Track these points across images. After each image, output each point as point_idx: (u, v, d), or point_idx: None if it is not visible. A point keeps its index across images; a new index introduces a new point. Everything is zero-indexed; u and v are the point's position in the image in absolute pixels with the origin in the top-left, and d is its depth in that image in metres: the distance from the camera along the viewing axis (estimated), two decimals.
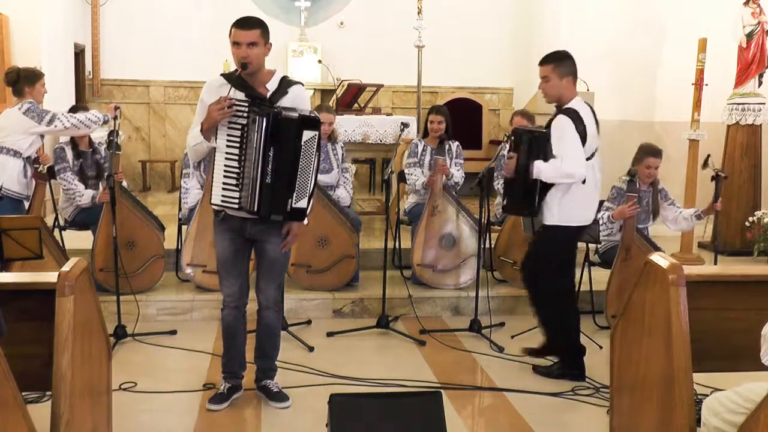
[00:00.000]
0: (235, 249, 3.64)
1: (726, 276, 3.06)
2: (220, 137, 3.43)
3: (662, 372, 2.78)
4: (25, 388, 2.44)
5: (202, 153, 3.55)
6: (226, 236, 3.61)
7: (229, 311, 3.72)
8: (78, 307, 2.59)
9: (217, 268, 3.74)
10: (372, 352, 4.67)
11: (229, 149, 3.43)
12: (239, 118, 3.40)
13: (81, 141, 5.36)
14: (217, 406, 3.70)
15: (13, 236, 4.06)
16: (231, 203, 3.45)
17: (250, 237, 3.61)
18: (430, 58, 8.27)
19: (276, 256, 3.66)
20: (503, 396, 3.99)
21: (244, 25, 3.47)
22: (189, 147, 3.57)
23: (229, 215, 3.56)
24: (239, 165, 3.42)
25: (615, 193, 5.22)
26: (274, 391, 3.81)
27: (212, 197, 3.48)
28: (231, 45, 3.46)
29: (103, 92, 9.31)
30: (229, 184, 3.43)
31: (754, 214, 7.03)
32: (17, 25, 7.07)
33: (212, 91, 3.48)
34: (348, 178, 5.76)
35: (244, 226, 3.57)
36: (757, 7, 7.18)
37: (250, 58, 3.42)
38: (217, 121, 3.38)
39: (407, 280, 5.62)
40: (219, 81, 3.52)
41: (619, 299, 4.72)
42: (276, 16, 9.45)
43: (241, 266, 3.70)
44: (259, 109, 3.39)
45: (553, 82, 4.09)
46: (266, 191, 3.39)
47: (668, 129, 7.88)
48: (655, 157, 5.18)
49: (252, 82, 3.48)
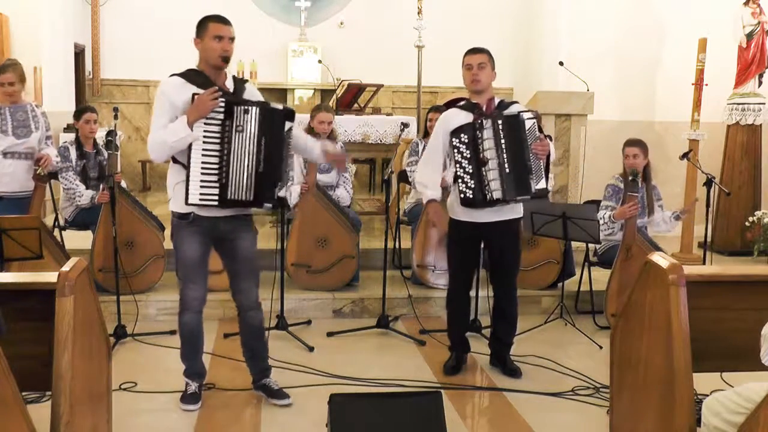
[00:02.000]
0: (202, 251, 3.61)
1: (726, 276, 3.05)
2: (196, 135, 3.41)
3: (662, 372, 2.78)
4: (25, 388, 2.44)
5: (179, 149, 3.43)
6: (196, 239, 3.56)
7: (192, 315, 3.67)
8: (78, 307, 2.58)
9: (181, 272, 3.68)
10: (372, 352, 4.67)
11: (207, 145, 3.41)
12: (217, 114, 3.41)
13: (86, 142, 5.38)
14: (193, 405, 3.70)
15: (13, 236, 4.06)
16: (210, 200, 3.42)
17: (219, 236, 3.60)
18: (430, 58, 8.28)
19: (250, 253, 3.68)
20: (503, 396, 3.99)
21: (226, 21, 3.53)
22: (164, 144, 3.41)
23: (198, 216, 3.52)
24: (220, 160, 3.41)
25: (611, 191, 5.27)
26: (274, 389, 3.82)
27: (188, 197, 3.41)
28: (207, 39, 3.46)
29: (103, 92, 9.32)
30: (208, 181, 3.40)
31: (754, 214, 7.03)
32: (17, 25, 7.08)
33: (177, 89, 3.45)
34: (348, 177, 5.76)
35: (216, 224, 3.55)
36: (757, 7, 7.19)
37: (230, 53, 3.49)
38: (208, 110, 3.38)
39: (407, 280, 5.62)
40: (179, 80, 3.49)
41: (620, 298, 4.72)
42: (276, 16, 9.47)
43: (207, 269, 3.69)
44: (245, 100, 3.46)
45: (488, 71, 4.10)
46: (259, 179, 3.43)
47: (668, 129, 7.89)
48: (631, 146, 5.21)
49: (216, 81, 3.50)
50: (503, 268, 4.21)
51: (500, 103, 4.15)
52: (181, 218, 3.54)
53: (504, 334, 4.32)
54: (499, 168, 3.93)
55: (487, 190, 3.94)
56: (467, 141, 3.98)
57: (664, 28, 7.95)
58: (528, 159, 3.96)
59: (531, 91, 7.51)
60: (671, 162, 7.59)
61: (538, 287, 5.54)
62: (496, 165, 3.93)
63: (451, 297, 4.33)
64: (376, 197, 7.51)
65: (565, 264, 5.48)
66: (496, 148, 3.94)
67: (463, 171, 3.98)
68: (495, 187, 3.93)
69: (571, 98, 6.49)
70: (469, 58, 4.09)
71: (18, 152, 4.82)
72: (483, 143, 3.95)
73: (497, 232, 4.12)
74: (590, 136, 6.79)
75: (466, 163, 3.98)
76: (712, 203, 5.38)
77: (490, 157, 3.93)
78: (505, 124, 3.97)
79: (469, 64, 4.07)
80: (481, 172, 3.95)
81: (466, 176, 3.98)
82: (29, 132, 4.84)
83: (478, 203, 3.99)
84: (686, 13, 7.81)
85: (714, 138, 7.35)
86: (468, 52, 4.13)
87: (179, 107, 3.43)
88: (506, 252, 4.19)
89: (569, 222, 4.87)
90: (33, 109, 4.93)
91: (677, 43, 7.73)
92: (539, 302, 5.51)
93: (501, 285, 4.25)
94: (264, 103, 3.48)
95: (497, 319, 4.32)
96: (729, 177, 7.34)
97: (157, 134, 3.44)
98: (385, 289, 4.98)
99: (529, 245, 5.45)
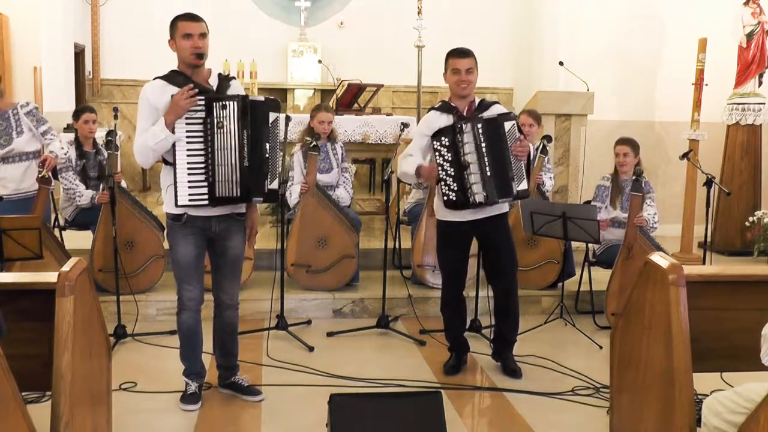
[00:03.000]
0: (197, 251, 3.62)
1: (726, 276, 3.05)
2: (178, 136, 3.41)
3: (662, 372, 2.78)
4: (25, 388, 2.44)
5: (161, 151, 3.44)
6: (189, 240, 3.57)
7: (190, 314, 3.68)
8: (78, 307, 2.58)
9: (177, 272, 3.67)
10: (372, 352, 4.67)
11: (190, 145, 3.41)
12: (197, 112, 3.40)
13: (85, 142, 5.38)
14: (193, 406, 3.71)
15: (14, 236, 4.06)
16: (200, 199, 3.42)
17: (213, 236, 3.60)
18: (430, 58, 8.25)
19: (239, 254, 3.71)
20: (503, 396, 3.99)
21: (194, 17, 3.49)
22: (146, 148, 3.42)
23: (191, 216, 3.52)
24: (205, 158, 3.41)
25: (599, 192, 5.41)
26: (245, 386, 3.85)
27: (177, 199, 3.42)
28: (178, 39, 3.44)
29: (103, 92, 9.31)
30: (195, 181, 3.41)
31: (754, 214, 7.03)
32: (17, 25, 7.08)
33: (157, 91, 3.45)
34: (347, 177, 5.76)
35: (209, 224, 3.56)
36: (757, 7, 7.19)
37: (204, 49, 3.46)
38: (184, 110, 3.37)
39: (407, 280, 5.62)
40: (160, 82, 3.49)
41: (620, 298, 4.72)
42: (276, 16, 9.46)
43: (202, 268, 3.70)
44: (224, 96, 3.45)
45: (475, 75, 4.04)
46: (246, 174, 3.42)
47: (668, 129, 7.89)
48: (620, 144, 5.32)
49: (196, 79, 3.48)
50: (501, 263, 4.20)
51: (480, 104, 4.12)
52: (175, 219, 3.55)
53: (507, 331, 4.33)
54: (480, 172, 3.93)
55: (470, 193, 3.94)
56: (447, 144, 3.97)
57: (664, 28, 7.95)
58: (509, 161, 3.95)
59: (531, 91, 7.52)
60: (671, 162, 7.60)
61: (538, 287, 5.53)
62: (477, 169, 3.93)
63: (446, 300, 4.33)
64: (376, 197, 7.50)
65: (565, 264, 5.48)
66: (477, 152, 3.93)
67: (446, 174, 3.98)
68: (477, 190, 3.94)
69: (571, 98, 6.49)
70: (457, 61, 4.00)
71: (8, 158, 4.93)
72: (464, 147, 3.94)
73: (487, 229, 4.13)
74: (590, 136, 6.79)
75: (448, 166, 3.98)
76: (712, 203, 5.38)
77: (471, 161, 3.93)
78: (484, 128, 3.94)
79: (457, 69, 3.99)
80: (463, 175, 3.95)
81: (449, 179, 3.98)
82: (10, 139, 4.92)
83: (461, 205, 4.00)
84: (686, 13, 7.81)
85: (714, 138, 7.35)
86: (454, 54, 4.03)
87: (161, 110, 3.42)
88: (501, 247, 4.18)
89: (569, 222, 4.87)
90: (17, 112, 4.97)
91: (677, 43, 7.73)
92: (539, 302, 5.51)
93: (501, 282, 4.23)
94: (243, 97, 3.45)
95: (500, 317, 4.32)
96: (729, 177, 7.34)
97: (139, 139, 3.45)
98: (385, 289, 4.98)
99: (529, 245, 5.45)
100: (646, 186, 5.25)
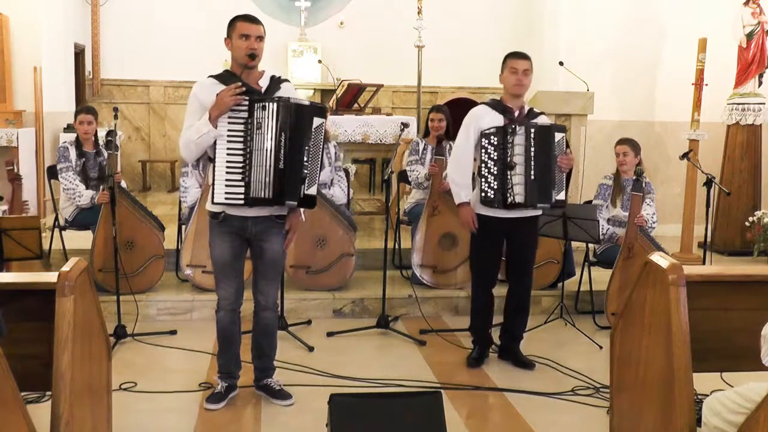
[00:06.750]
0: (233, 251, 3.63)
1: (726, 276, 3.05)
2: (220, 132, 3.43)
3: (662, 372, 2.78)
4: (25, 388, 2.44)
5: (204, 146, 3.46)
6: (226, 238, 3.60)
7: (225, 314, 3.71)
8: (78, 307, 2.58)
9: (214, 270, 3.71)
10: (372, 352, 4.67)
11: (231, 144, 3.42)
12: (240, 112, 3.41)
13: (85, 142, 5.37)
14: (214, 405, 3.70)
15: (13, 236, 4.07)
16: (236, 199, 3.43)
17: (250, 237, 3.61)
18: (430, 58, 8.28)
19: (276, 256, 3.68)
20: (503, 396, 3.99)
21: (254, 19, 3.56)
22: (190, 142, 3.47)
23: (229, 215, 3.54)
24: (244, 158, 3.41)
25: (601, 190, 5.41)
26: (276, 389, 3.82)
27: (214, 197, 3.44)
28: (235, 38, 3.49)
29: (103, 92, 9.32)
30: (233, 180, 3.42)
31: (754, 214, 7.03)
32: (17, 25, 7.07)
33: (206, 90, 3.49)
34: (342, 176, 5.74)
35: (246, 225, 3.57)
36: (757, 7, 7.18)
37: (258, 51, 3.49)
38: (228, 106, 3.38)
39: (407, 280, 5.62)
40: (210, 81, 3.53)
41: (621, 297, 4.72)
42: (276, 16, 9.46)
43: (239, 268, 3.70)
44: (266, 96, 3.45)
45: (530, 78, 4.24)
46: (280, 177, 3.41)
47: (668, 129, 7.89)
48: (620, 144, 5.35)
49: (246, 79, 3.50)
50: (523, 262, 4.38)
51: (529, 112, 4.25)
52: (213, 217, 3.59)
53: (518, 328, 4.47)
54: (525, 174, 4.08)
55: (510, 193, 4.09)
56: (496, 143, 4.12)
57: (664, 28, 7.94)
58: (553, 169, 4.12)
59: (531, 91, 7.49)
60: (671, 162, 7.59)
61: (538, 287, 5.52)
62: (522, 171, 4.09)
63: (477, 294, 4.46)
64: (376, 197, 7.51)
65: (565, 264, 5.48)
66: (525, 155, 4.08)
67: (488, 171, 4.13)
68: (518, 191, 4.09)
69: (571, 98, 6.49)
70: (516, 62, 4.18)
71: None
72: (513, 148, 4.09)
73: (520, 228, 4.27)
74: (590, 136, 6.79)
75: (492, 164, 4.13)
76: (712, 203, 5.38)
77: (518, 163, 4.08)
78: (537, 134, 4.11)
79: (515, 68, 4.17)
80: (505, 175, 4.10)
81: (490, 176, 4.13)
82: None
83: (497, 203, 4.14)
84: (686, 13, 7.80)
85: (714, 138, 7.35)
86: (513, 55, 4.22)
87: (208, 108, 3.45)
88: (526, 248, 4.37)
89: (569, 222, 4.88)
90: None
91: (677, 43, 7.72)
92: (539, 302, 5.50)
93: (521, 280, 4.40)
94: (284, 99, 3.44)
95: (513, 312, 4.45)
96: (729, 177, 7.33)
97: (185, 133, 3.50)
98: (385, 289, 4.98)
99: None
100: (647, 186, 5.26)
